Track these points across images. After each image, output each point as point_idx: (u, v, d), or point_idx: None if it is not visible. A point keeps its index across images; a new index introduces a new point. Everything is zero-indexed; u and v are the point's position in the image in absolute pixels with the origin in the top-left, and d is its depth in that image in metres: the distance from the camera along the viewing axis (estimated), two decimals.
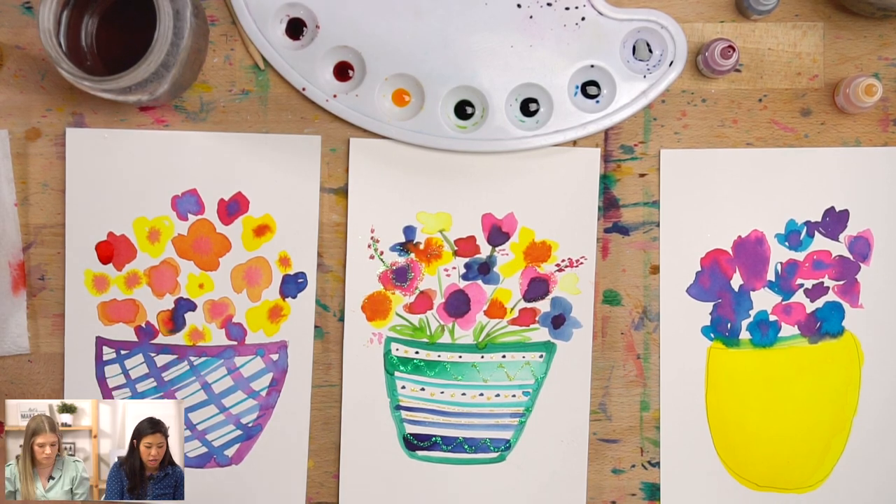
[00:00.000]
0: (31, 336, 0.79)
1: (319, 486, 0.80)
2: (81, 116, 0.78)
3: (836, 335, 0.80)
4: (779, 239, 0.79)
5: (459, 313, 0.79)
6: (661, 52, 0.78)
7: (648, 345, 0.80)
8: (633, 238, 0.80)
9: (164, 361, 0.79)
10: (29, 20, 0.78)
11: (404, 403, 0.79)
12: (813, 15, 0.79)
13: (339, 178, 0.79)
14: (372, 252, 0.79)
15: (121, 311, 0.79)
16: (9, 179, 0.78)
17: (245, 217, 0.79)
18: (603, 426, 0.80)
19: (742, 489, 0.80)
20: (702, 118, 0.79)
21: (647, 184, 0.79)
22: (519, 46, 0.77)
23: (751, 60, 0.79)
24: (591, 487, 0.80)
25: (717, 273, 0.79)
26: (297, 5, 0.77)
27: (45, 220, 0.79)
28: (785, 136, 0.79)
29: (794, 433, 0.80)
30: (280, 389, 0.79)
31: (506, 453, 0.80)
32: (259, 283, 0.79)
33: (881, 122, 0.79)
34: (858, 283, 0.79)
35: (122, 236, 0.79)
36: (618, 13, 0.77)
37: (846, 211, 0.79)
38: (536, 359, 0.79)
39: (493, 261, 0.79)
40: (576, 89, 0.78)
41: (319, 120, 0.79)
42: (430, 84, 0.77)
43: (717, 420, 0.80)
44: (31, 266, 0.79)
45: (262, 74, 0.79)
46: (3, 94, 0.78)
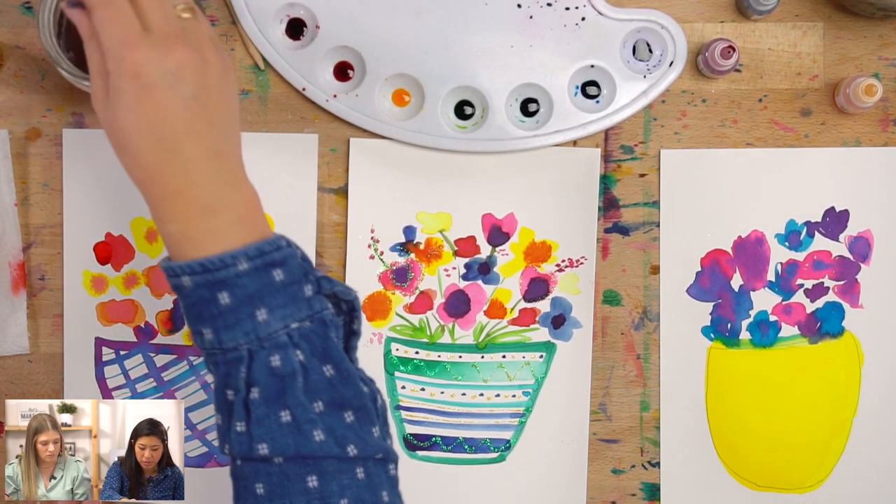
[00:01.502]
0: (31, 336, 0.79)
1: None
2: (81, 116, 0.78)
3: (836, 335, 0.80)
4: (779, 239, 0.79)
5: (459, 313, 0.79)
6: (661, 52, 0.78)
7: (648, 345, 0.80)
8: (633, 238, 0.80)
9: (163, 361, 0.79)
10: (29, 20, 0.78)
11: (404, 403, 0.79)
12: (813, 15, 0.79)
13: (339, 178, 0.79)
14: (372, 252, 0.79)
15: (120, 312, 0.79)
16: (9, 179, 0.78)
17: None
18: (603, 426, 0.80)
19: (742, 489, 0.80)
20: (702, 118, 0.79)
21: (647, 184, 0.79)
22: (519, 46, 0.77)
23: (751, 60, 0.79)
24: (591, 487, 0.80)
25: (717, 273, 0.79)
26: (297, 5, 0.77)
27: (45, 221, 0.79)
28: (785, 136, 0.79)
29: (794, 433, 0.80)
30: None
31: (506, 453, 0.80)
32: None
33: (881, 122, 0.79)
34: (858, 284, 0.79)
35: (119, 237, 0.79)
36: (618, 13, 0.77)
37: (846, 211, 0.79)
38: (536, 359, 0.79)
39: (493, 261, 0.79)
40: (576, 89, 0.78)
41: (319, 120, 0.79)
42: (430, 84, 0.77)
43: (717, 420, 0.80)
44: (31, 266, 0.79)
45: (262, 74, 0.79)
46: (3, 94, 0.78)
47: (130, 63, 0.54)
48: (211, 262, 0.54)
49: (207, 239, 0.55)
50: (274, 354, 0.55)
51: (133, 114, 0.54)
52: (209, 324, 0.55)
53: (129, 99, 0.54)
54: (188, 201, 0.55)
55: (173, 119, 0.54)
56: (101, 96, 0.56)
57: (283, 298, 0.56)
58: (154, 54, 0.54)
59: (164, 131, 0.54)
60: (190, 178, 0.55)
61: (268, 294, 0.56)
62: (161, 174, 0.55)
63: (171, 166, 0.55)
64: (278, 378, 0.55)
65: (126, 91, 0.54)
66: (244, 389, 0.55)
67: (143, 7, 0.55)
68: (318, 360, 0.56)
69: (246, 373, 0.55)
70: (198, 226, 0.56)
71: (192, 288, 0.55)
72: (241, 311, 0.55)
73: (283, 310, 0.56)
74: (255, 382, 0.55)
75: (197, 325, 0.56)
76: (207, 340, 0.56)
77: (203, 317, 0.56)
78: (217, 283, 0.55)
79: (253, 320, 0.55)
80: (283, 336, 0.56)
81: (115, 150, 0.57)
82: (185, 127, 0.55)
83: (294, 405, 0.55)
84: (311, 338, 0.56)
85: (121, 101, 0.54)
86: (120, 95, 0.54)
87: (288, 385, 0.55)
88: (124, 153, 0.56)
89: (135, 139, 0.55)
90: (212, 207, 0.56)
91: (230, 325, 0.55)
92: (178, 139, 0.55)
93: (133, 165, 0.56)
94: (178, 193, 0.55)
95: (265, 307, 0.55)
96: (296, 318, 0.56)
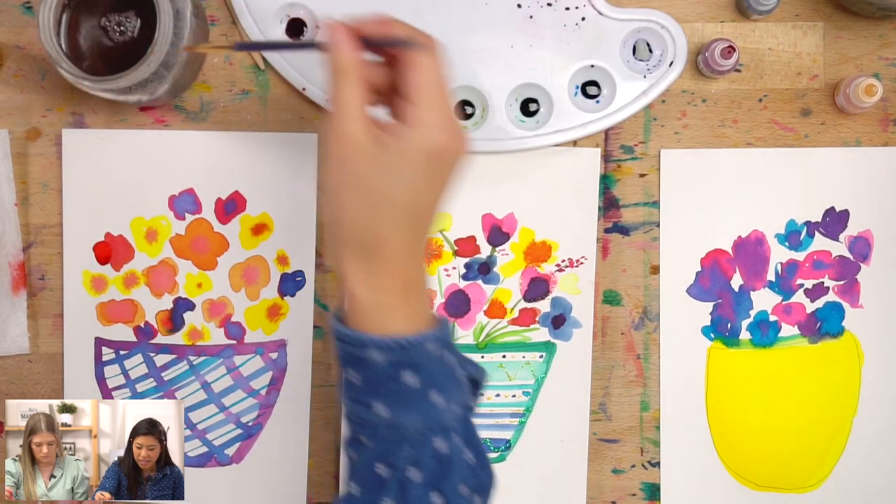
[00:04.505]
0: (31, 336, 0.79)
1: (319, 486, 0.80)
2: (81, 116, 0.78)
3: (836, 335, 0.79)
4: (779, 239, 0.79)
5: (459, 313, 0.79)
6: (661, 52, 0.78)
7: (648, 345, 0.80)
8: (633, 238, 0.80)
9: (163, 361, 0.79)
10: (29, 20, 0.78)
11: None
12: (813, 15, 0.79)
13: None
14: None
15: (119, 312, 0.79)
16: (9, 179, 0.78)
17: (242, 216, 0.79)
18: (603, 426, 0.80)
19: (742, 489, 0.80)
20: (702, 118, 0.79)
21: (647, 184, 0.79)
22: (519, 46, 0.77)
23: (751, 60, 0.79)
24: (591, 487, 0.80)
25: (717, 273, 0.79)
26: (297, 5, 0.77)
27: (45, 220, 0.79)
28: (785, 136, 0.79)
29: (794, 433, 0.80)
30: (279, 388, 0.79)
31: (506, 453, 0.80)
32: (257, 282, 0.79)
33: (881, 122, 0.79)
34: (858, 283, 0.79)
35: (119, 237, 0.79)
36: (618, 13, 0.77)
37: (846, 211, 0.79)
38: (536, 359, 0.79)
39: (493, 261, 0.79)
40: (576, 89, 0.78)
41: (319, 120, 0.79)
42: None
43: (717, 420, 0.80)
44: (31, 266, 0.79)
45: (262, 74, 0.79)
46: (3, 94, 0.78)
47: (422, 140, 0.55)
48: (409, 342, 0.54)
49: (404, 315, 0.55)
50: (440, 438, 0.55)
51: (398, 180, 0.54)
52: (387, 399, 0.55)
53: (399, 170, 0.54)
54: (394, 276, 0.55)
55: (427, 198, 0.56)
56: (371, 150, 0.55)
57: (450, 381, 0.56)
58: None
59: (418, 209, 0.56)
60: (405, 252, 0.56)
61: (442, 377, 0.56)
62: (383, 244, 0.55)
63: (398, 238, 0.55)
64: (439, 461, 0.55)
65: (395, 164, 0.54)
66: (403, 468, 0.55)
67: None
68: (467, 446, 0.56)
69: (411, 453, 0.55)
70: (396, 301, 0.55)
71: (382, 364, 0.55)
72: (422, 392, 0.55)
73: (450, 393, 0.56)
74: (418, 463, 0.55)
75: (369, 398, 0.55)
76: (378, 415, 0.55)
77: (381, 392, 0.55)
78: (409, 363, 0.54)
79: (429, 402, 0.55)
80: (449, 420, 0.56)
81: (339, 201, 0.56)
82: (429, 205, 0.56)
83: (446, 489, 0.55)
84: (464, 422, 0.57)
85: (389, 169, 0.54)
86: (392, 167, 0.54)
87: (445, 468, 0.55)
88: (356, 208, 0.55)
89: (380, 203, 0.55)
90: (411, 284, 0.56)
91: (410, 405, 0.55)
92: (420, 216, 0.56)
93: (359, 229, 0.55)
94: (388, 265, 0.55)
95: (439, 390, 0.55)
96: (458, 401, 0.56)
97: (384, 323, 0.55)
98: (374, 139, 0.54)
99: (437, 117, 0.55)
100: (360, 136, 0.54)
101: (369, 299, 0.55)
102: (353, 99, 0.55)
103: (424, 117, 0.54)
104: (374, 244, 0.55)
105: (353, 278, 0.55)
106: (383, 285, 0.55)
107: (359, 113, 0.55)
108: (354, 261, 0.55)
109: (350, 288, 0.56)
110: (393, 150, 0.54)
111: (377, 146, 0.54)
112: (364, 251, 0.55)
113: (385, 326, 0.55)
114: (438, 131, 0.55)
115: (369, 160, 0.54)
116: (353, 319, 0.56)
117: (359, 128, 0.54)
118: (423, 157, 0.54)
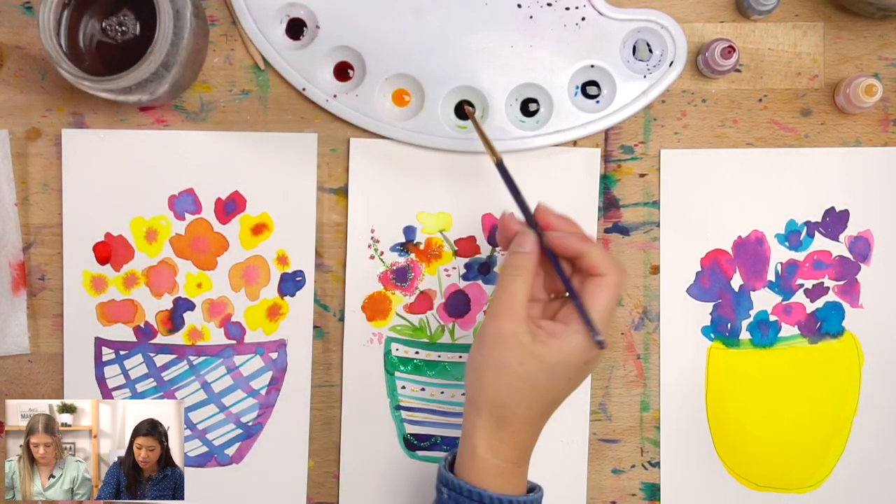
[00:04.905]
0: (31, 336, 0.79)
1: (319, 486, 0.80)
2: (81, 116, 0.78)
3: (836, 335, 0.79)
4: (779, 239, 0.79)
5: (459, 313, 0.79)
6: (661, 52, 0.78)
7: (648, 345, 0.80)
8: (634, 238, 0.80)
9: (163, 361, 0.79)
10: (29, 20, 0.78)
11: (404, 403, 0.79)
12: (813, 15, 0.79)
13: (339, 178, 0.79)
14: (372, 252, 0.79)
15: (119, 312, 0.79)
16: (9, 179, 0.78)
17: (242, 216, 0.79)
18: (603, 426, 0.80)
19: (742, 489, 0.80)
20: (702, 118, 0.79)
21: (647, 184, 0.79)
22: (519, 46, 0.77)
23: (751, 60, 0.79)
24: (591, 487, 0.80)
25: (717, 273, 0.79)
26: (297, 5, 0.77)
27: (45, 220, 0.79)
28: (785, 136, 0.79)
29: (794, 433, 0.80)
30: (280, 388, 0.79)
31: None
32: (257, 282, 0.79)
33: (881, 122, 0.79)
34: (858, 283, 0.79)
35: (119, 237, 0.79)
36: (618, 13, 0.77)
37: (846, 211, 0.79)
38: None
39: (493, 261, 0.79)
40: (576, 89, 0.78)
41: (319, 120, 0.79)
42: (430, 84, 0.77)
43: (717, 420, 0.80)
44: (31, 266, 0.79)
45: (262, 74, 0.79)
46: (3, 94, 0.78)
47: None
48: (520, 501, 0.62)
49: (517, 476, 0.63)
50: None
51: (550, 376, 0.61)
52: None
53: (548, 361, 0.61)
54: (517, 445, 0.62)
55: (566, 392, 0.63)
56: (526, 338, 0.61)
57: None
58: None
59: (557, 399, 0.63)
60: (533, 430, 0.63)
61: None
62: (515, 420, 0.62)
63: (531, 420, 0.62)
64: None
65: (550, 361, 0.61)
66: None
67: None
68: None
69: None
70: (512, 466, 0.62)
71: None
72: None
73: None
74: None
75: None
76: None
77: None
78: None
79: None
80: None
81: (485, 376, 0.62)
82: (565, 396, 0.63)
83: None
84: None
85: (542, 364, 0.61)
86: (545, 362, 0.61)
87: None
88: (508, 387, 0.61)
89: (525, 389, 0.61)
90: (527, 452, 0.64)
91: None
92: (555, 405, 0.63)
93: (511, 402, 0.61)
94: (515, 438, 0.62)
95: None
96: None
97: (499, 482, 0.62)
98: (530, 332, 0.61)
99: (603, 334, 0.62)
100: (519, 329, 0.60)
101: (490, 460, 0.62)
102: (519, 295, 0.61)
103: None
104: (509, 420, 0.61)
105: (481, 440, 0.62)
106: (506, 451, 0.62)
107: (521, 307, 0.61)
108: (486, 426, 0.62)
109: (473, 446, 0.62)
110: (554, 350, 0.61)
111: (533, 340, 0.60)
112: (497, 421, 0.62)
113: (500, 486, 0.62)
114: (600, 346, 0.61)
115: (523, 350, 0.60)
116: (469, 473, 0.62)
117: (519, 322, 0.61)
118: (579, 363, 0.61)
